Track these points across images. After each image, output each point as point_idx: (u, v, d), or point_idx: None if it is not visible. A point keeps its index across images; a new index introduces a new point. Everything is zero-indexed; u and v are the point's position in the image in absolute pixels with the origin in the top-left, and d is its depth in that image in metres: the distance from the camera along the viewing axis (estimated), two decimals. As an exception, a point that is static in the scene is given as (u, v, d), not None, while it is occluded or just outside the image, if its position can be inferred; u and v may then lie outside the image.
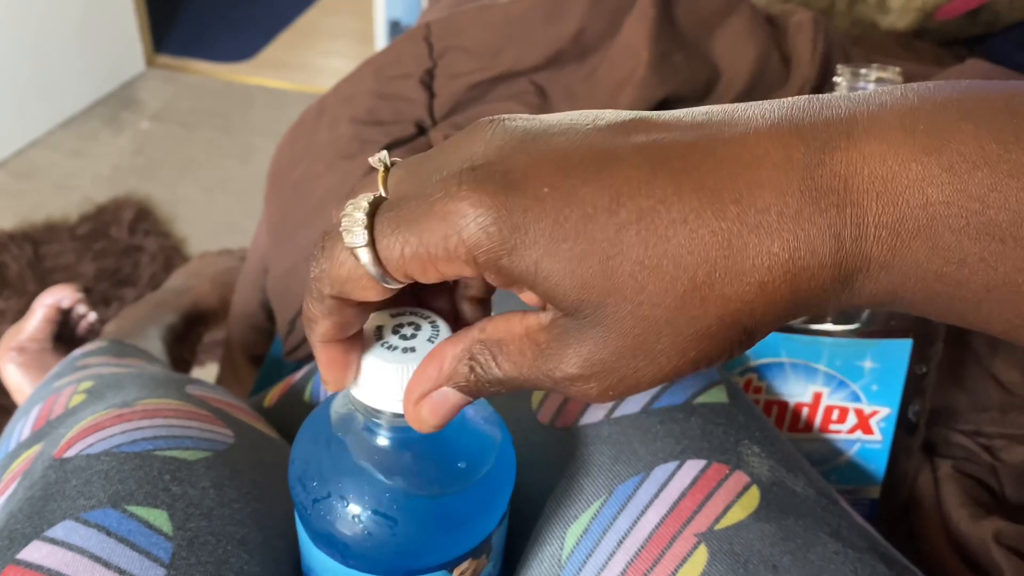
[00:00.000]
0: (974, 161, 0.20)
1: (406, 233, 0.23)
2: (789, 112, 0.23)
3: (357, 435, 0.29)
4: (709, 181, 0.21)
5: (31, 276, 1.72)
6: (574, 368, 0.23)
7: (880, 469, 0.49)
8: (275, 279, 0.65)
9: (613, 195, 0.22)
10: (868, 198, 0.21)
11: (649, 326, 0.22)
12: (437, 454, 0.30)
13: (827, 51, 0.64)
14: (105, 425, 0.39)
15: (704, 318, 0.22)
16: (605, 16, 0.64)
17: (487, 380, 0.25)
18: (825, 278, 0.22)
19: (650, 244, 0.21)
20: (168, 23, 2.53)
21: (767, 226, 0.21)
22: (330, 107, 0.70)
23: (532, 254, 0.22)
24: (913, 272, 0.22)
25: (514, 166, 0.22)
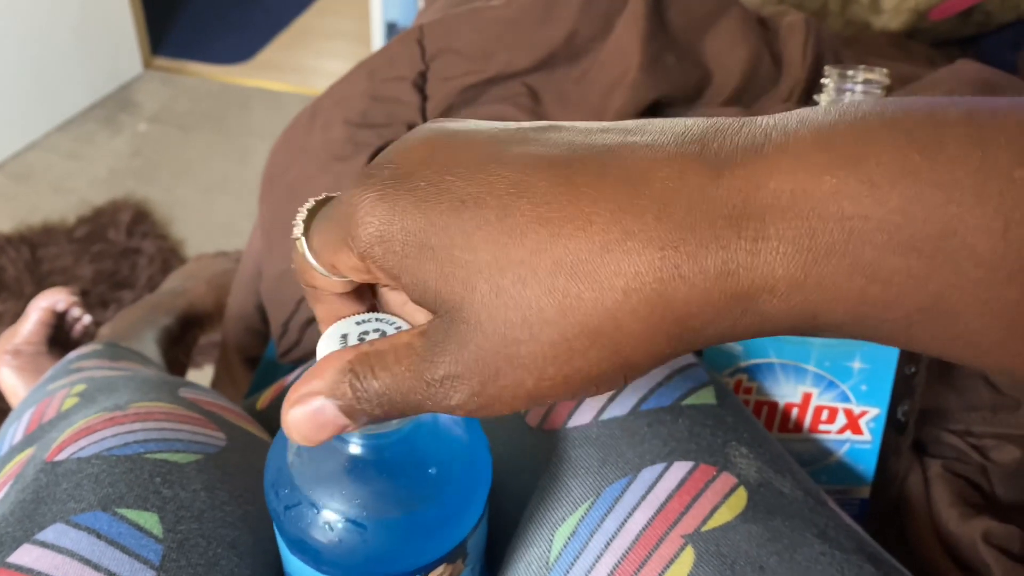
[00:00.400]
0: (895, 172, 0.19)
1: (321, 223, 0.25)
2: (705, 130, 0.22)
3: (328, 443, 0.30)
4: (588, 189, 0.21)
5: (28, 279, 1.72)
6: (442, 368, 0.23)
7: (870, 469, 0.49)
8: (268, 282, 0.65)
9: (482, 193, 0.21)
10: (772, 213, 0.20)
11: (507, 326, 0.21)
12: (408, 461, 0.30)
13: (818, 53, 0.64)
14: (96, 428, 0.40)
15: (563, 324, 0.21)
16: (597, 18, 0.64)
17: (365, 396, 0.24)
18: (713, 295, 0.20)
19: (512, 240, 0.21)
20: (165, 25, 2.53)
21: (640, 233, 0.20)
22: (324, 109, 0.70)
23: (397, 244, 0.22)
24: (832, 292, 0.20)
25: (405, 162, 0.23)
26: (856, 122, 0.20)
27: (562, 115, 0.65)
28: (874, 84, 0.46)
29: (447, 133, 0.24)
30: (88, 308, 1.75)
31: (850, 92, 0.45)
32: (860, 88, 0.45)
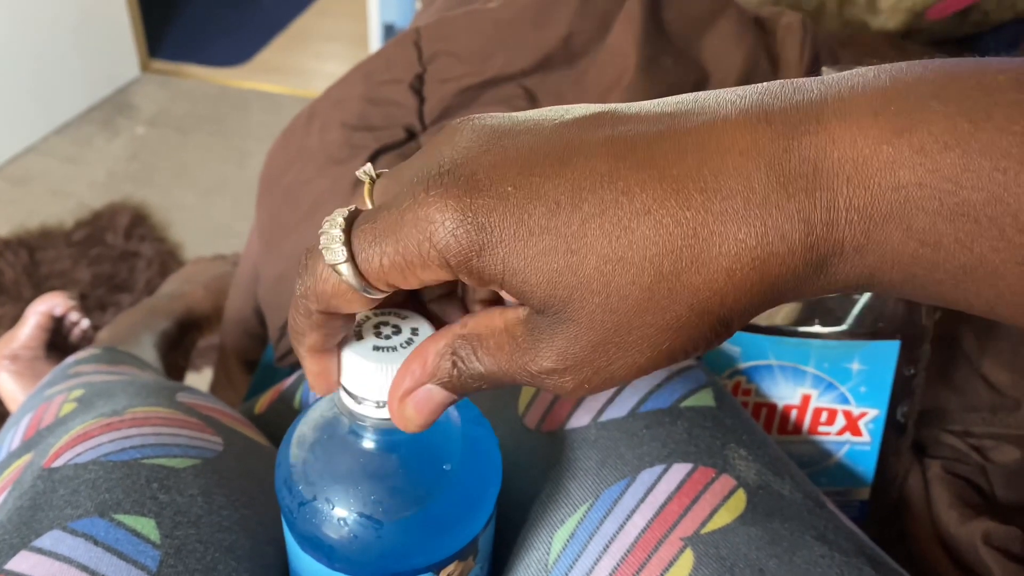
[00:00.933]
0: (945, 141, 0.20)
1: (382, 244, 0.23)
2: (760, 98, 0.22)
3: (342, 438, 0.30)
4: (673, 170, 0.21)
5: (27, 282, 1.72)
6: (548, 362, 0.24)
7: (869, 471, 0.49)
8: (266, 285, 0.65)
9: (575, 189, 0.22)
10: (839, 181, 0.21)
11: (619, 319, 0.22)
12: (422, 457, 0.30)
13: (815, 54, 0.64)
14: (94, 434, 0.39)
15: (673, 308, 0.22)
16: (593, 20, 0.64)
17: (469, 375, 0.25)
18: (797, 263, 0.22)
19: (614, 236, 0.21)
20: (163, 28, 2.53)
21: (733, 213, 0.21)
22: (321, 112, 0.70)
23: (499, 253, 0.22)
24: (889, 255, 0.21)
25: (479, 167, 0.23)
26: (907, 90, 0.21)
27: (559, 117, 0.65)
28: (871, 85, 0.45)
29: (506, 131, 0.23)
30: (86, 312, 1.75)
31: (835, 74, 0.45)
32: (857, 89, 0.45)
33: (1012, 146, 0.19)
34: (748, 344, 0.48)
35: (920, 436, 0.56)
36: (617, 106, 0.24)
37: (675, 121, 0.22)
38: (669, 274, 0.21)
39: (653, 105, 0.23)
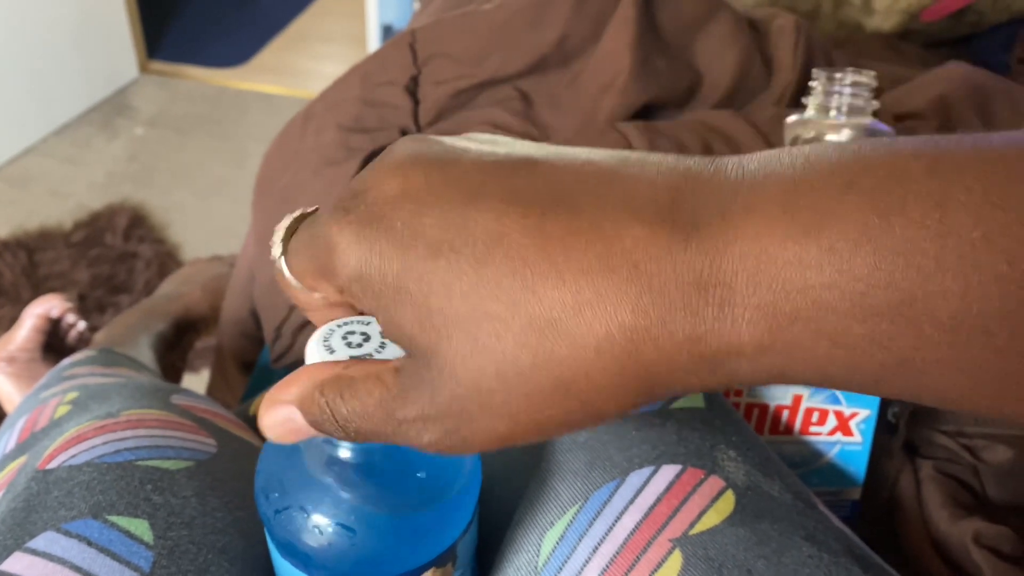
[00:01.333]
0: (856, 239, 0.19)
1: (297, 250, 0.25)
2: (677, 180, 0.21)
3: (316, 446, 0.30)
4: (560, 245, 0.21)
5: (25, 283, 1.72)
6: (412, 410, 0.23)
7: (861, 471, 0.49)
8: (261, 287, 0.65)
9: (462, 238, 0.21)
10: (738, 279, 0.20)
11: (482, 376, 0.22)
12: (396, 465, 0.30)
13: (809, 55, 0.65)
14: (88, 436, 0.40)
15: (536, 377, 0.21)
16: (587, 22, 0.64)
17: (332, 417, 0.24)
18: (680, 355, 0.21)
19: (487, 292, 0.21)
20: (161, 29, 2.53)
21: (613, 294, 0.20)
22: (317, 114, 0.70)
23: (375, 286, 0.22)
24: (799, 355, 0.20)
25: (382, 196, 0.23)
26: (820, 183, 0.20)
27: (554, 119, 0.65)
28: (862, 87, 0.46)
29: (426, 162, 0.23)
30: (85, 312, 1.75)
31: (838, 95, 0.45)
32: (848, 91, 0.46)
33: (925, 240, 0.18)
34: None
35: (912, 436, 0.56)
36: (545, 157, 0.23)
37: (581, 190, 0.22)
38: (536, 342, 0.21)
39: (578, 160, 0.23)
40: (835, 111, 0.45)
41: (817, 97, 0.46)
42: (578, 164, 0.23)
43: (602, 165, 0.23)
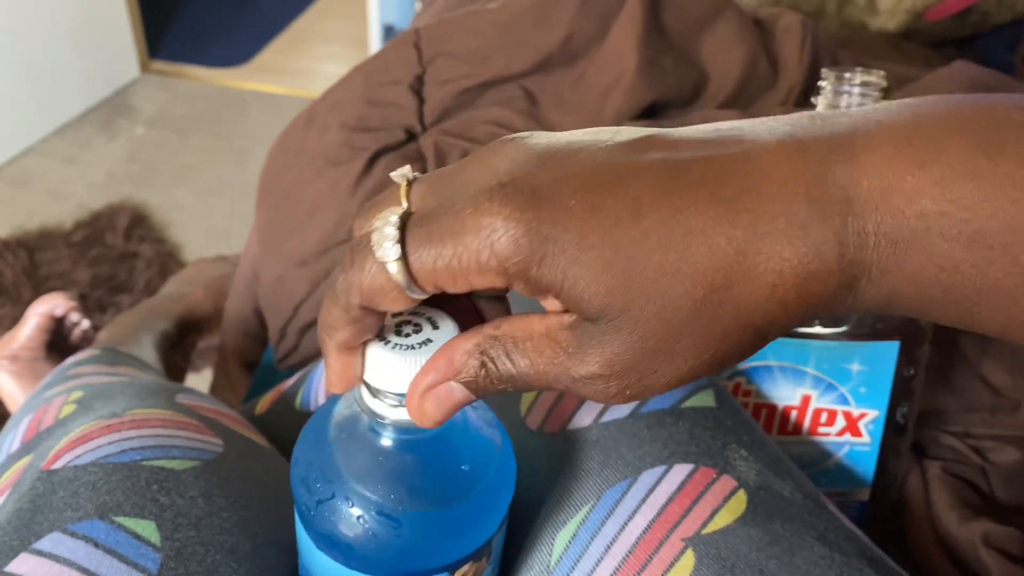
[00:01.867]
0: (963, 173, 0.22)
1: (438, 247, 0.24)
2: (793, 129, 0.24)
3: (362, 437, 0.30)
4: (723, 193, 0.23)
5: (26, 283, 1.72)
6: (595, 367, 0.24)
7: (869, 471, 0.49)
8: (265, 286, 0.65)
9: (635, 206, 0.23)
10: (868, 208, 0.22)
11: (671, 328, 0.24)
12: (441, 457, 0.30)
13: (815, 54, 0.64)
14: (93, 436, 0.39)
15: (721, 319, 0.23)
16: (593, 21, 0.64)
17: (497, 376, 0.26)
18: (831, 282, 0.23)
19: (670, 251, 0.23)
20: (162, 29, 2.53)
21: (776, 234, 0.23)
22: (320, 114, 0.70)
23: (560, 263, 0.23)
24: (911, 278, 0.23)
25: (541, 181, 0.24)
26: (928, 127, 0.23)
27: (559, 118, 0.65)
28: (871, 86, 0.45)
29: (558, 149, 0.25)
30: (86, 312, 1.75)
31: (847, 95, 0.45)
32: (857, 91, 0.45)
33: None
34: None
35: (920, 437, 0.56)
36: (663, 131, 0.25)
37: (720, 148, 0.24)
38: (719, 287, 0.23)
39: (697, 131, 0.25)
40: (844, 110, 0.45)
41: (827, 97, 0.46)
42: (696, 131, 0.25)
43: (717, 129, 0.25)
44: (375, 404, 0.29)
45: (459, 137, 0.65)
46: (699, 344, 0.24)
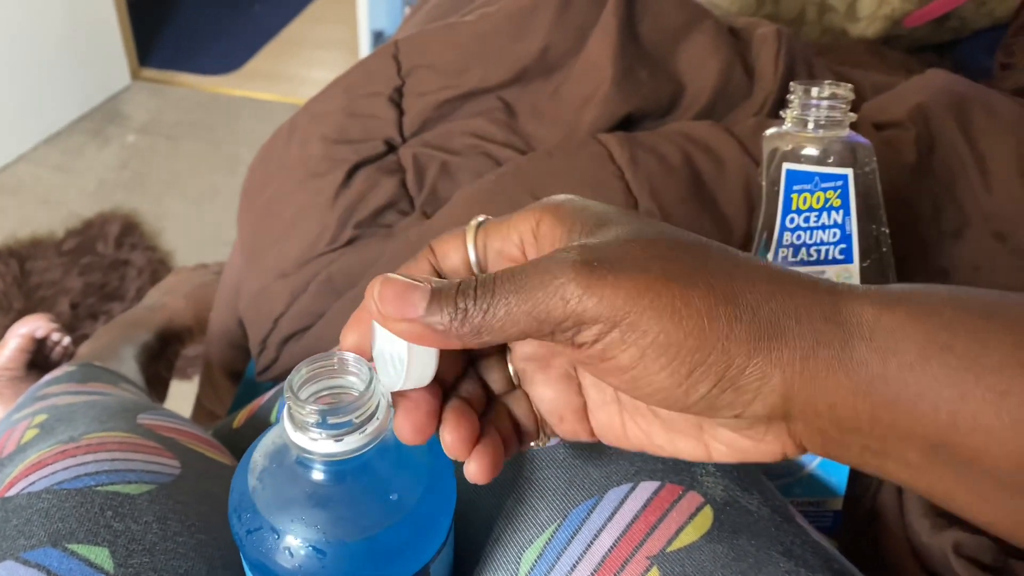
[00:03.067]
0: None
1: (515, 305, 0.26)
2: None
3: (290, 467, 0.30)
4: (792, 308, 0.26)
5: (17, 293, 1.72)
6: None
7: (842, 482, 0.49)
8: (247, 299, 0.65)
9: (733, 297, 0.26)
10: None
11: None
12: (367, 487, 0.30)
13: (790, 64, 0.65)
14: (48, 462, 0.40)
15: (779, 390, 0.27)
16: (570, 33, 0.64)
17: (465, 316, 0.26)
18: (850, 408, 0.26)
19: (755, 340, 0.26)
20: (153, 37, 2.53)
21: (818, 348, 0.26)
22: (301, 126, 0.70)
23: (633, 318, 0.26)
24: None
25: (626, 254, 0.26)
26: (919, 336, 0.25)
27: (537, 128, 0.65)
28: (839, 99, 0.46)
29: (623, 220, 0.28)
30: (77, 320, 1.74)
31: (815, 108, 0.45)
32: (825, 104, 0.46)
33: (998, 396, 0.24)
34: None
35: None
36: (716, 249, 0.28)
37: (779, 292, 0.27)
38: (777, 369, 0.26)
39: (759, 272, 0.27)
40: (812, 124, 0.45)
41: (794, 110, 0.46)
42: (757, 271, 0.27)
43: (779, 278, 0.27)
44: (298, 437, 0.29)
45: (438, 148, 0.66)
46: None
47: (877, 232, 0.46)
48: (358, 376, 0.29)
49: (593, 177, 0.56)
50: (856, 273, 0.45)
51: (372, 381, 0.29)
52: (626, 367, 0.26)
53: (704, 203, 0.54)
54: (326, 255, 0.62)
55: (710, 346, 0.26)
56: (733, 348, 0.26)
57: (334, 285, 0.60)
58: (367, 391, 0.29)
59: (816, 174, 0.45)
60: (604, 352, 0.26)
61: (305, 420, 0.28)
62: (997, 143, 0.58)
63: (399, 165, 0.66)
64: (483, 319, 0.26)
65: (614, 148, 0.57)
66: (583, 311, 0.26)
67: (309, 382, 0.29)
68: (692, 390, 0.26)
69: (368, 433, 0.29)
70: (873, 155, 0.46)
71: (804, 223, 0.45)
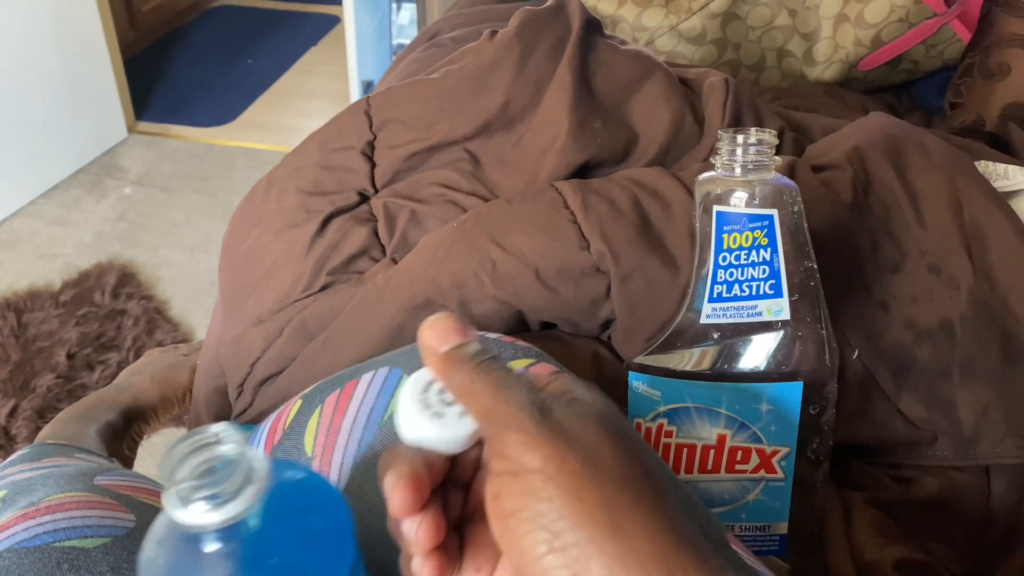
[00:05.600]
0: None
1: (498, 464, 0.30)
2: None
3: (178, 539, 0.32)
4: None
5: (14, 344, 1.75)
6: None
7: (786, 506, 0.52)
8: (226, 346, 0.68)
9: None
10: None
11: None
12: (249, 553, 0.31)
13: (737, 111, 0.69)
14: (10, 525, 0.42)
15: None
16: (528, 88, 0.68)
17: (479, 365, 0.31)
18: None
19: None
20: (149, 90, 2.60)
21: None
22: (278, 180, 0.74)
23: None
24: None
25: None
26: None
27: (501, 177, 0.69)
28: (765, 144, 0.49)
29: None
30: (74, 371, 1.76)
31: (742, 153, 0.49)
32: (753, 150, 0.49)
33: None
34: (667, 388, 0.52)
35: (842, 469, 0.59)
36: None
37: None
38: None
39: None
40: (739, 168, 0.49)
41: (723, 156, 0.50)
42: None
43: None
44: (178, 513, 0.30)
45: (407, 198, 0.69)
46: None
47: (806, 268, 0.49)
48: (231, 446, 0.31)
49: (548, 221, 0.59)
50: (786, 307, 0.49)
51: (243, 450, 0.31)
52: (507, 513, 0.29)
53: (652, 243, 0.57)
54: (300, 301, 0.66)
55: (586, 541, 0.27)
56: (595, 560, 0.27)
57: (307, 329, 0.63)
58: (237, 461, 0.30)
59: (744, 215, 0.48)
60: (501, 489, 0.29)
61: (181, 494, 0.30)
62: (929, 181, 0.61)
63: (371, 214, 0.70)
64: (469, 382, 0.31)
65: (568, 194, 0.60)
66: (513, 445, 0.29)
67: (188, 457, 0.31)
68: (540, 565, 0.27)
69: (244, 499, 0.30)
70: (799, 195, 0.49)
71: (735, 261, 0.49)
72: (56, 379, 1.69)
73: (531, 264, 0.58)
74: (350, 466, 0.45)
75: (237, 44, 2.92)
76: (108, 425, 0.78)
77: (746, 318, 0.49)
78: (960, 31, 0.92)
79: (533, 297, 0.58)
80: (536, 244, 0.58)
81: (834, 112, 0.92)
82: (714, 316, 0.50)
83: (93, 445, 0.73)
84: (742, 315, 0.49)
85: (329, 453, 0.46)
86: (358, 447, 0.45)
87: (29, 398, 1.64)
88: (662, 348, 0.52)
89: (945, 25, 0.92)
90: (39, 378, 1.68)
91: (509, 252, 0.58)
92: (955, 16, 0.91)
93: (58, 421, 0.77)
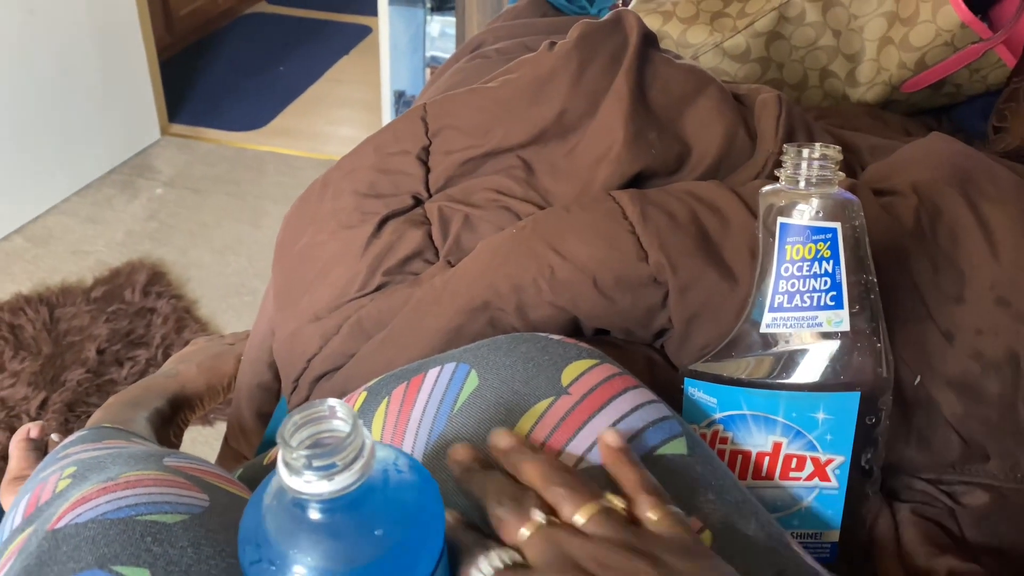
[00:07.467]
0: None
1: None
2: None
3: (285, 507, 0.33)
4: None
5: (46, 338, 1.77)
6: None
7: (838, 514, 0.53)
8: (280, 341, 0.70)
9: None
10: None
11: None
12: (354, 523, 0.33)
13: (790, 127, 0.70)
14: (92, 497, 0.44)
15: None
16: (585, 98, 0.70)
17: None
18: None
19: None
20: (183, 94, 2.64)
21: None
22: (333, 181, 0.75)
23: None
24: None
25: None
26: None
27: (553, 184, 0.70)
28: (829, 159, 0.50)
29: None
30: (103, 365, 1.78)
31: (807, 167, 0.50)
32: (817, 164, 0.50)
33: None
34: (724, 395, 0.52)
35: (892, 483, 0.60)
36: None
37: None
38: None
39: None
40: (804, 182, 0.50)
41: (788, 169, 0.51)
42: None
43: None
44: (292, 480, 0.32)
45: (461, 203, 0.70)
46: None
47: (866, 281, 0.50)
48: (344, 421, 0.33)
49: (607, 230, 0.60)
50: (846, 318, 0.49)
51: (356, 425, 0.32)
52: None
53: (710, 255, 0.58)
54: (356, 300, 0.67)
55: None
56: None
57: (364, 328, 0.64)
58: (351, 435, 0.32)
59: (807, 227, 0.49)
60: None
61: (295, 464, 0.31)
62: (1002, 212, 0.61)
63: (425, 218, 0.71)
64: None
65: (626, 204, 0.61)
66: None
67: (301, 429, 0.33)
68: None
69: (353, 472, 0.32)
70: (861, 211, 0.50)
71: (797, 272, 0.50)
72: (86, 374, 1.71)
73: (589, 272, 0.59)
74: (420, 454, 0.46)
75: (270, 51, 2.96)
76: (157, 412, 0.80)
77: (806, 328, 0.50)
78: (1005, 56, 0.93)
79: (590, 305, 0.59)
80: (594, 253, 0.59)
81: (875, 133, 0.93)
82: (774, 325, 0.51)
83: (143, 431, 0.74)
84: (802, 325, 0.50)
85: (398, 441, 0.48)
86: (428, 436, 0.46)
87: (59, 391, 1.67)
88: (718, 356, 0.53)
89: (990, 50, 0.93)
90: (69, 372, 1.71)
91: (567, 260, 0.59)
92: (1001, 41, 0.92)
93: (110, 407, 0.78)
